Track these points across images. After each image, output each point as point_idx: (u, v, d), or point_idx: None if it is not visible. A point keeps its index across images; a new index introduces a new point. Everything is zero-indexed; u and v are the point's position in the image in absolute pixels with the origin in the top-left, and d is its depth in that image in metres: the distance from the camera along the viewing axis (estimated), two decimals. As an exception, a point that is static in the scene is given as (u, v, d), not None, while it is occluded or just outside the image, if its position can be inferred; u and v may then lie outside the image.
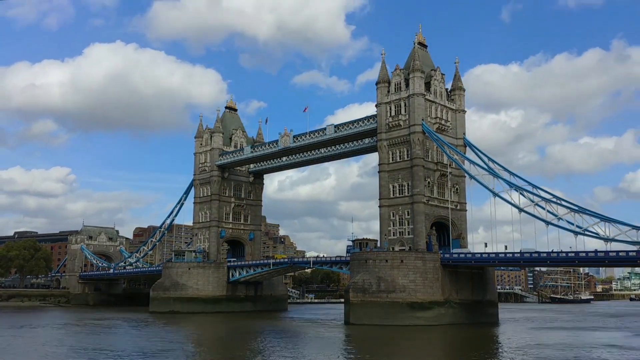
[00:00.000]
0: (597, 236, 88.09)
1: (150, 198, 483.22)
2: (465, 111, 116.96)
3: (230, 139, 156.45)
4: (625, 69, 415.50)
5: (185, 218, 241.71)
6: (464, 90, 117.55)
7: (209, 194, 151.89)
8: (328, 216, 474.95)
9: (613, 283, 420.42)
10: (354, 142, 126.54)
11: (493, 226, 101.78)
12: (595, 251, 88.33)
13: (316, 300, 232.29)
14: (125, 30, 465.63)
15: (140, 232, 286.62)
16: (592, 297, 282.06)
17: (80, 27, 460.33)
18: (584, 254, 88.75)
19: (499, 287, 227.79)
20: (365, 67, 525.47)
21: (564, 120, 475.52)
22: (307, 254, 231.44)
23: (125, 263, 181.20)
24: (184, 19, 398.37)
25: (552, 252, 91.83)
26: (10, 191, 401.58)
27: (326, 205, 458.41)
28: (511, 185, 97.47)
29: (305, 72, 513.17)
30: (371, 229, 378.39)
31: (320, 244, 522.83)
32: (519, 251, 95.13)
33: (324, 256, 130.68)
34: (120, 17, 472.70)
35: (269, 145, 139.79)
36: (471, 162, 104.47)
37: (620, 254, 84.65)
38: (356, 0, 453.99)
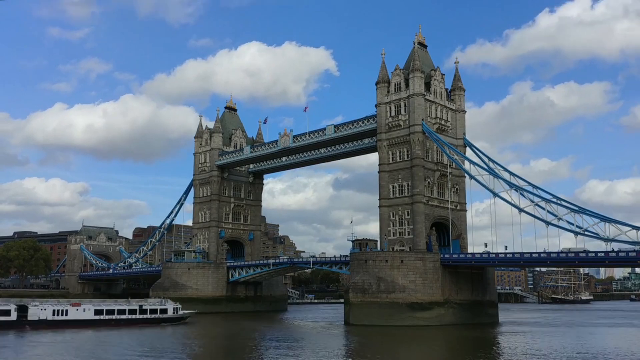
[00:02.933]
0: (597, 236, 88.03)
1: (152, 199, 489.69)
2: (465, 111, 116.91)
3: (230, 139, 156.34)
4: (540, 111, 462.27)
5: (185, 218, 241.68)
6: (464, 90, 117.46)
7: (209, 194, 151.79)
8: (313, 222, 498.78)
9: (613, 283, 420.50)
10: (354, 142, 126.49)
11: (493, 226, 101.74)
12: (596, 251, 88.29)
13: (316, 301, 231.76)
14: (136, 92, 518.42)
15: (139, 232, 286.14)
16: (592, 297, 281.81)
17: (111, 90, 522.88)
18: (584, 254, 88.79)
19: (499, 287, 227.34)
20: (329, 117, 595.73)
21: (509, 149, 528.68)
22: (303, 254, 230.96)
23: (124, 263, 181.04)
24: (179, 89, 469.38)
25: (552, 252, 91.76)
26: (23, 200, 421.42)
27: (310, 214, 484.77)
28: (511, 185, 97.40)
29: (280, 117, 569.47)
30: (357, 233, 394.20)
31: (313, 246, 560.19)
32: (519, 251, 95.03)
33: (324, 254, 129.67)
34: (134, 84, 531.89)
35: (268, 146, 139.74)
36: (471, 162, 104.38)
37: (620, 254, 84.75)
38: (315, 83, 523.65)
